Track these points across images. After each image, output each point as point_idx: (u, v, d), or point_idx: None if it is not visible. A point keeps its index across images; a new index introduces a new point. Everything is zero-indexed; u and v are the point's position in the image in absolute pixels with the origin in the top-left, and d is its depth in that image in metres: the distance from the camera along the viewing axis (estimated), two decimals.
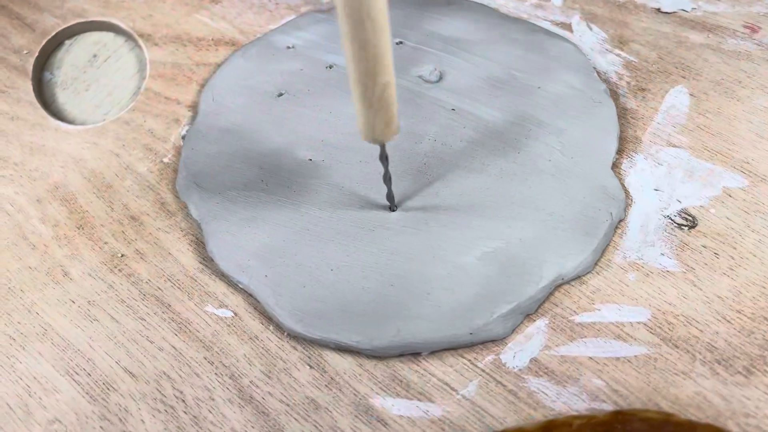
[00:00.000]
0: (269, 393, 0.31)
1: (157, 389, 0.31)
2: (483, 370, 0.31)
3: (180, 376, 0.32)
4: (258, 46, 0.42)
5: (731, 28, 0.41)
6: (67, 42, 0.46)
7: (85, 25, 0.46)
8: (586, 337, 0.31)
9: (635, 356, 0.30)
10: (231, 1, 0.46)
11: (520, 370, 0.30)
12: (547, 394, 0.30)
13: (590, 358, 0.30)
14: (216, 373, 0.32)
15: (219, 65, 0.42)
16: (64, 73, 0.44)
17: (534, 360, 0.31)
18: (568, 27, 0.42)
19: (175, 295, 0.34)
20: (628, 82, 0.39)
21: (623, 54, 0.40)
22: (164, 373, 0.32)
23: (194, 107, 0.41)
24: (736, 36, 0.40)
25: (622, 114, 0.38)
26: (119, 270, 0.35)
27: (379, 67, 0.26)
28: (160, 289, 0.34)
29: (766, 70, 0.39)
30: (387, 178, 0.33)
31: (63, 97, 0.43)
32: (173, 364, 0.32)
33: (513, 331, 0.31)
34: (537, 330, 0.31)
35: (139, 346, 0.33)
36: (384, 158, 0.32)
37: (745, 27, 0.41)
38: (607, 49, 0.41)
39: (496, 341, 0.31)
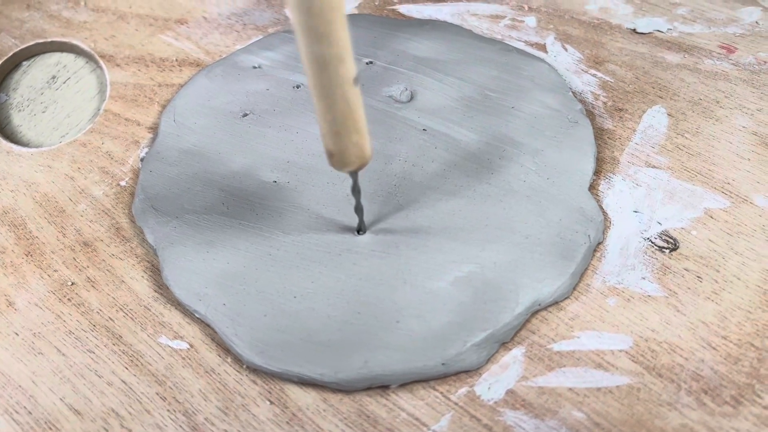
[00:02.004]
0: (225, 431, 0.29)
1: (104, 428, 0.29)
2: (456, 404, 0.29)
3: (129, 414, 0.29)
4: (223, 66, 0.40)
5: (707, 49, 0.40)
6: (25, 63, 0.44)
7: (44, 45, 0.44)
8: (565, 366, 0.29)
9: (617, 386, 0.28)
10: (197, 22, 0.44)
11: (495, 402, 0.28)
12: (524, 428, 0.28)
13: (570, 388, 0.29)
14: (168, 410, 0.29)
15: (182, 86, 0.40)
16: (20, 94, 0.43)
17: (510, 391, 0.29)
18: (542, 47, 0.41)
19: (127, 326, 0.32)
20: (605, 102, 0.38)
21: (599, 74, 0.39)
22: (112, 410, 0.29)
23: (155, 129, 0.39)
24: (713, 56, 0.40)
25: (599, 134, 0.37)
26: (68, 299, 0.33)
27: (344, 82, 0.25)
28: (111, 319, 0.32)
29: (744, 90, 0.38)
30: (359, 210, 0.31)
31: (18, 119, 0.41)
32: (122, 400, 0.30)
33: (488, 360, 0.29)
34: (513, 359, 0.30)
35: (86, 381, 0.30)
36: (356, 191, 0.30)
37: (721, 47, 0.40)
38: (582, 70, 0.40)
39: (469, 372, 0.29)
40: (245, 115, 0.38)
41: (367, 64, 0.40)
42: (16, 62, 0.44)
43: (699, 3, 0.43)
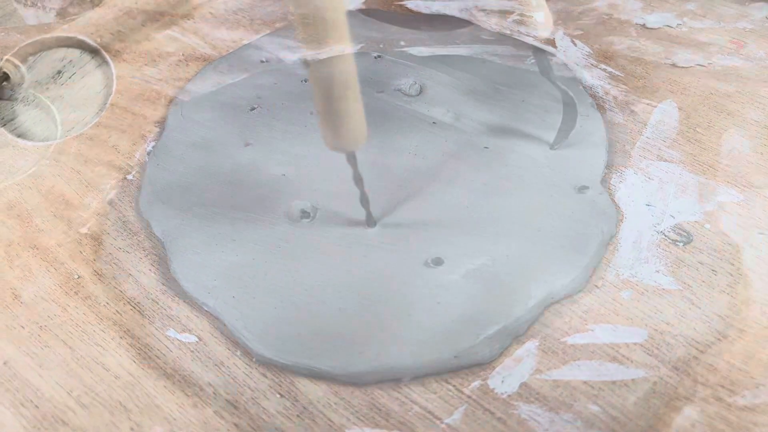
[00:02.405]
0: (235, 425, 0.28)
1: (112, 421, 0.29)
2: (469, 397, 0.28)
3: (137, 407, 0.29)
4: (231, 60, 0.40)
5: (718, 44, 0.40)
6: (31, 58, 0.44)
7: (50, 41, 0.44)
8: (579, 359, 0.29)
9: (633, 380, 0.28)
10: (204, 17, 0.44)
11: (509, 395, 0.28)
12: (538, 422, 0.27)
13: (585, 382, 0.28)
14: (177, 404, 0.29)
15: (189, 80, 0.40)
16: (25, 89, 0.42)
17: (524, 385, 0.28)
18: (551, 42, 0.41)
19: (135, 319, 0.31)
20: (615, 97, 0.38)
21: (609, 69, 0.39)
22: (120, 404, 0.29)
23: (162, 123, 0.39)
24: (723, 51, 0.39)
25: (610, 128, 0.36)
26: (75, 293, 0.32)
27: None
28: (118, 312, 0.32)
29: (755, 85, 0.38)
30: (358, 179, 0.31)
31: (24, 114, 0.41)
32: (130, 393, 0.29)
33: (501, 354, 0.29)
34: (527, 353, 0.29)
35: (93, 375, 0.30)
36: (352, 159, 0.30)
37: (731, 42, 0.40)
38: (592, 64, 0.39)
39: (482, 365, 0.29)
40: (253, 109, 0.38)
41: (375, 58, 0.39)
42: (22, 57, 0.44)
43: None
